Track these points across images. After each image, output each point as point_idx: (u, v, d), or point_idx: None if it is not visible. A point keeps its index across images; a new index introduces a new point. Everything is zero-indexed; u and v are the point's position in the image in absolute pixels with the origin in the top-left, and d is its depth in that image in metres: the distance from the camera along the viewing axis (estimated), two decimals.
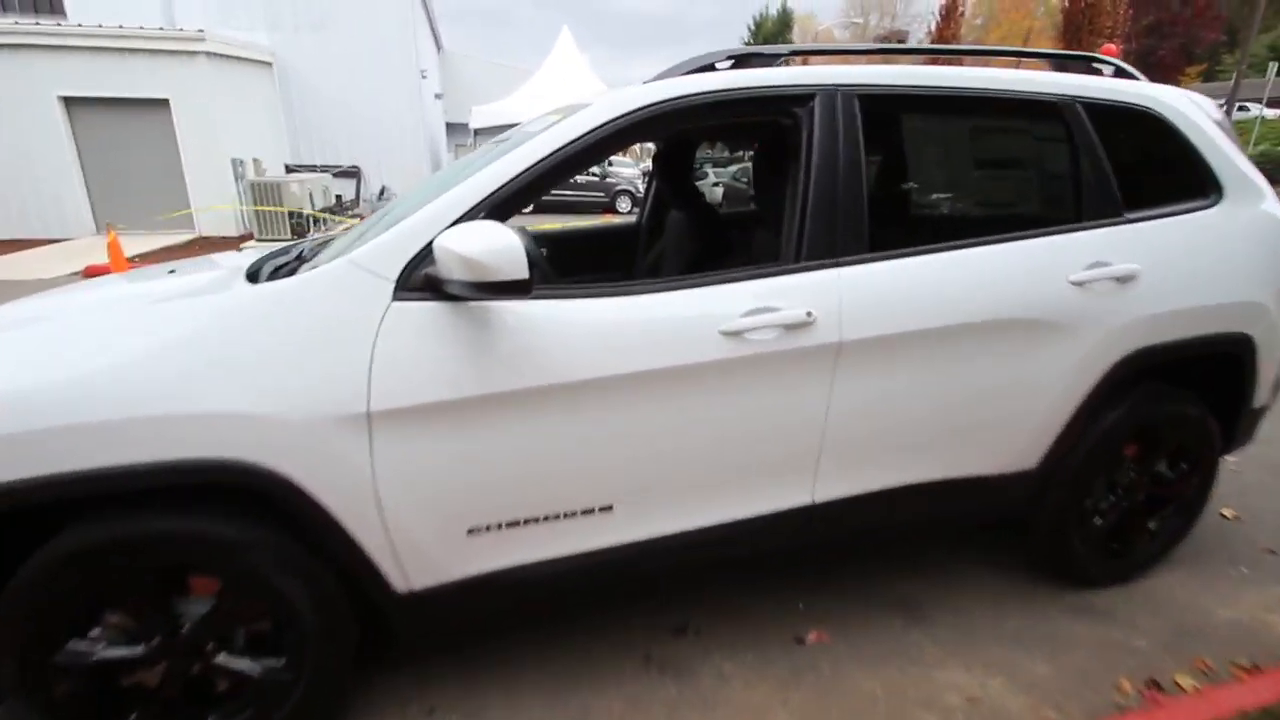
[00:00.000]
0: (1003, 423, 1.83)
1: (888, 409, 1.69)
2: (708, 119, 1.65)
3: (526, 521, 1.49)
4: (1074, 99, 1.86)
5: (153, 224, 10.64)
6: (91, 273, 7.62)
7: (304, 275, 1.39)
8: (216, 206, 10.85)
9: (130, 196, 10.90)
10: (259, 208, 10.22)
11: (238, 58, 11.76)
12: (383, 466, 1.34)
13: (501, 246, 1.24)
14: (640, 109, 1.53)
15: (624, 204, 15.43)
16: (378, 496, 1.35)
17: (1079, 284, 1.76)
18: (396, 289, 1.36)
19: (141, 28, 10.45)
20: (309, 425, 1.28)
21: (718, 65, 1.69)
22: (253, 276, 1.58)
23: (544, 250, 3.14)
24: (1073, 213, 1.86)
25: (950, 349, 1.69)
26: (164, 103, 10.68)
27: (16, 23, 10.51)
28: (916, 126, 1.86)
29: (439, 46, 20.25)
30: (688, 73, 1.64)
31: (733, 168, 16.68)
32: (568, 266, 3.07)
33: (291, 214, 10.17)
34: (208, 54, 10.71)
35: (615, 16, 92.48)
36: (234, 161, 11.18)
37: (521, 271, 1.25)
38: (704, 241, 2.49)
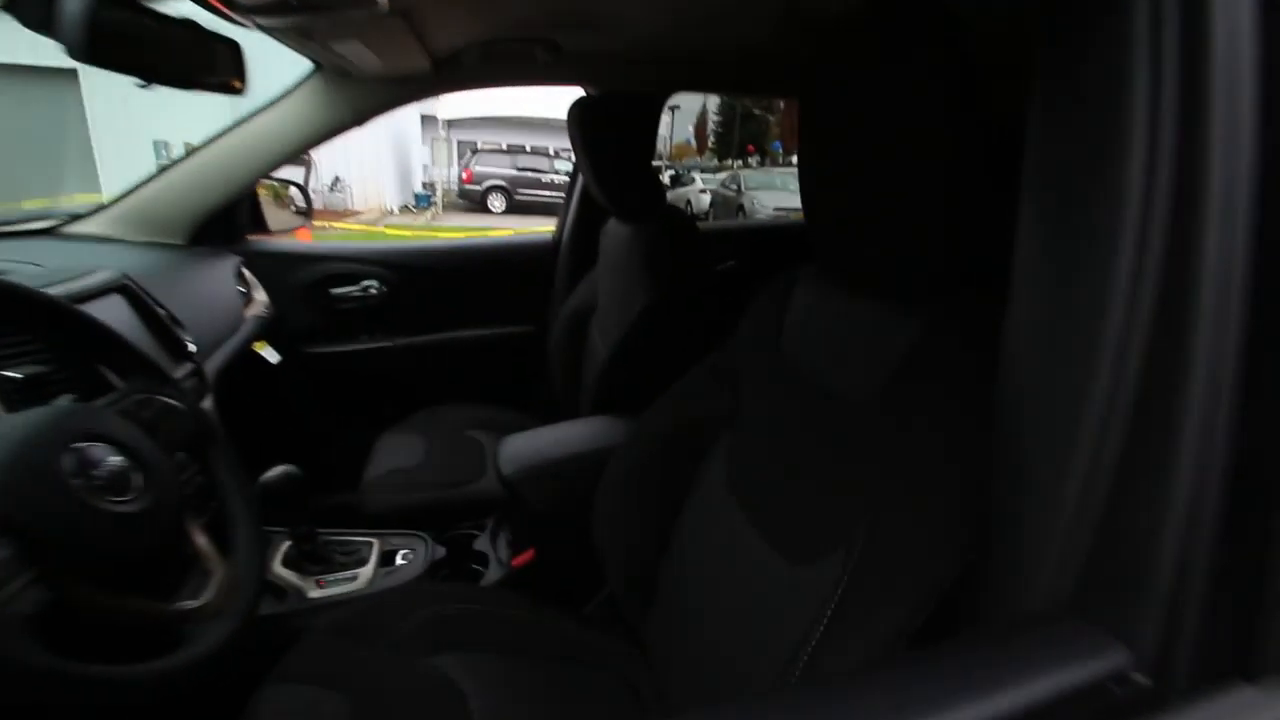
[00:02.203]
0: None
1: None
2: None
3: None
4: None
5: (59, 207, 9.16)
6: None
7: None
8: (84, 197, 9.34)
9: (35, 176, 9.40)
10: None
11: None
12: None
13: None
14: None
15: None
16: None
17: None
18: None
19: None
20: None
21: None
22: None
23: (368, 288, 1.77)
24: None
25: None
26: (72, 74, 9.20)
27: None
28: None
29: None
30: None
31: (723, 175, 15.41)
32: (422, 316, 1.71)
33: None
34: None
35: None
36: (156, 144, 9.78)
37: None
38: (670, 289, 1.15)
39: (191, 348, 1.05)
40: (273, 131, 1.39)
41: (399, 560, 1.08)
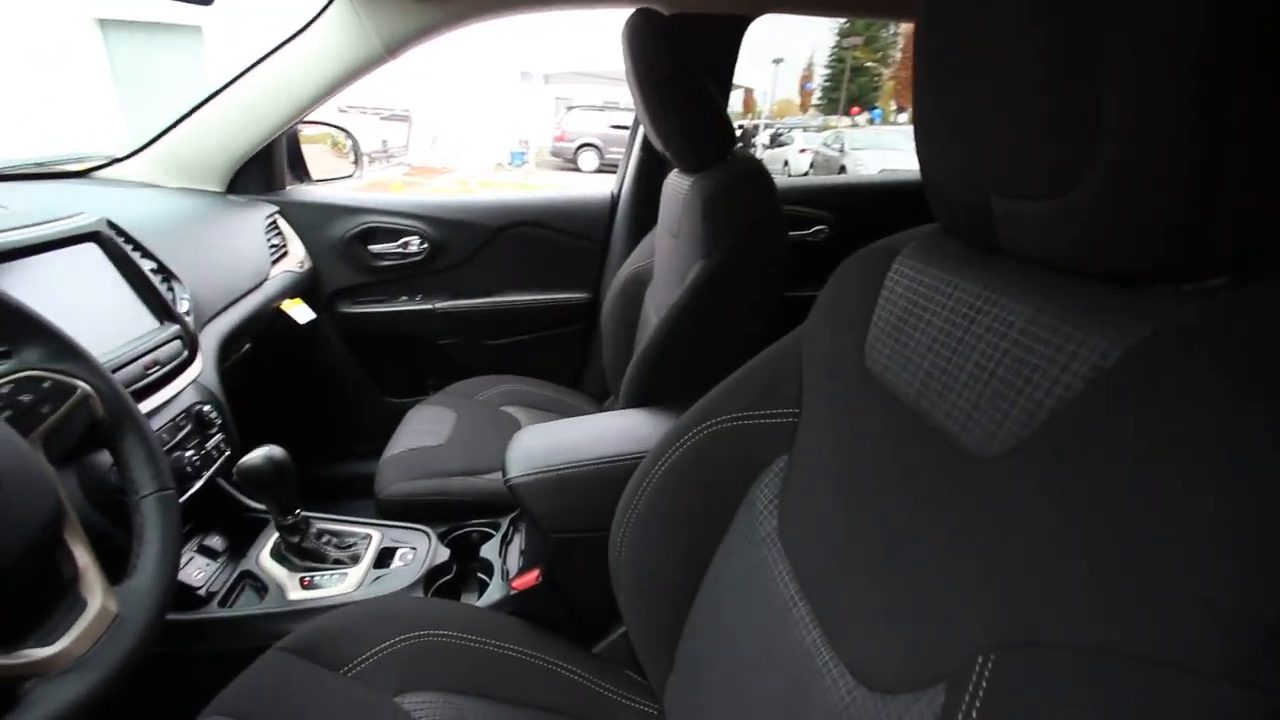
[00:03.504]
0: None
1: None
2: None
3: None
4: None
5: None
6: None
7: None
8: None
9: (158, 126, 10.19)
10: None
11: None
12: None
13: None
14: None
15: None
16: None
17: None
18: None
19: None
20: None
21: None
22: None
23: (408, 244, 1.60)
24: None
25: None
26: (196, 30, 9.81)
27: None
28: None
29: None
30: None
31: (826, 133, 14.45)
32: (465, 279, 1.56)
33: None
34: None
35: None
36: None
37: None
38: (731, 255, 0.93)
39: (183, 306, 0.94)
40: (298, 67, 1.25)
41: (395, 561, 0.94)
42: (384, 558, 0.95)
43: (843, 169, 11.65)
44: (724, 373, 0.69)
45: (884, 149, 11.81)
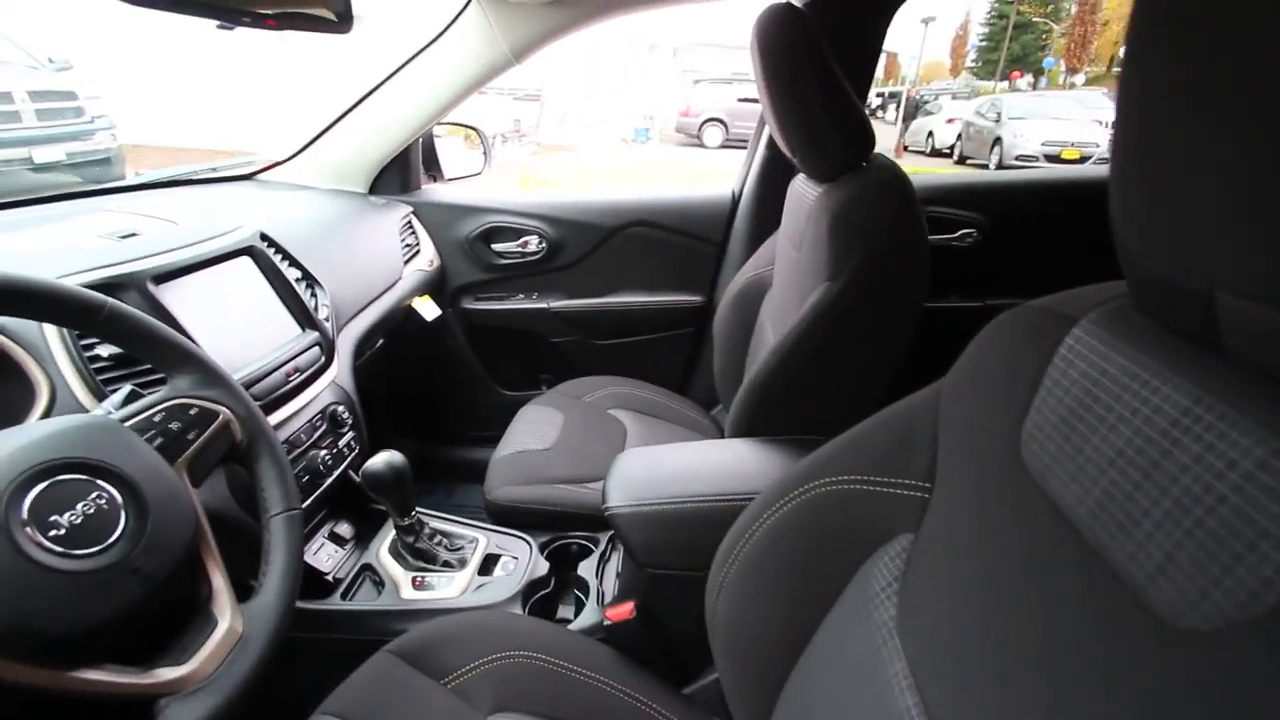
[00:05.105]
0: None
1: None
2: None
3: None
4: None
5: None
6: None
7: None
8: None
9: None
10: None
11: None
12: None
13: None
14: None
15: None
16: None
17: None
18: None
19: None
20: None
21: None
22: None
23: (526, 243, 1.63)
24: None
25: None
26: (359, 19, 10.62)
27: None
28: None
29: None
30: None
31: (979, 100, 13.10)
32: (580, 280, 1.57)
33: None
34: None
35: None
36: None
37: None
38: (860, 277, 0.85)
39: (323, 313, 1.00)
40: (433, 74, 1.29)
41: (498, 570, 0.96)
42: (487, 564, 0.98)
43: (998, 141, 10.54)
44: (841, 406, 0.62)
45: (1047, 118, 10.54)
